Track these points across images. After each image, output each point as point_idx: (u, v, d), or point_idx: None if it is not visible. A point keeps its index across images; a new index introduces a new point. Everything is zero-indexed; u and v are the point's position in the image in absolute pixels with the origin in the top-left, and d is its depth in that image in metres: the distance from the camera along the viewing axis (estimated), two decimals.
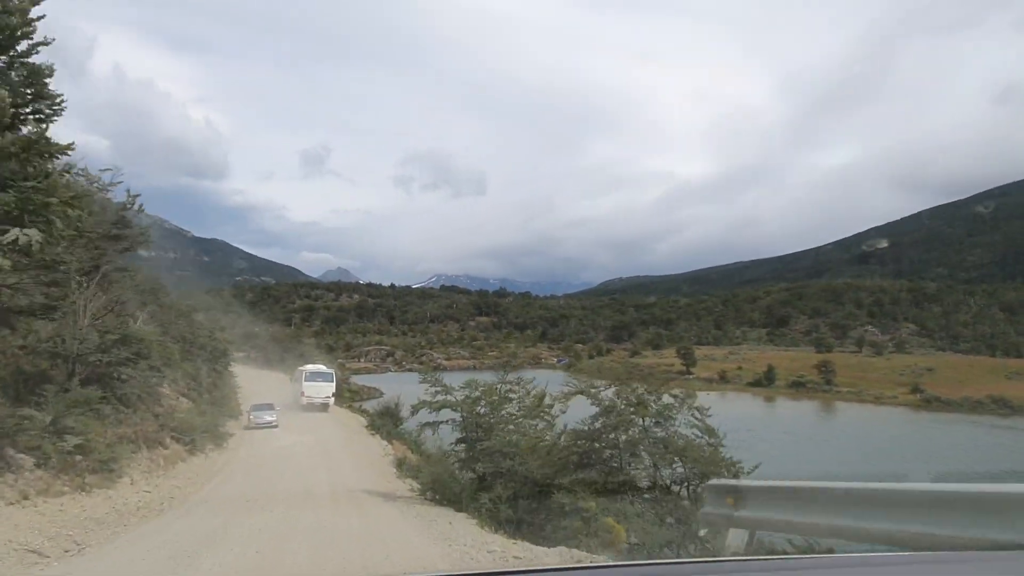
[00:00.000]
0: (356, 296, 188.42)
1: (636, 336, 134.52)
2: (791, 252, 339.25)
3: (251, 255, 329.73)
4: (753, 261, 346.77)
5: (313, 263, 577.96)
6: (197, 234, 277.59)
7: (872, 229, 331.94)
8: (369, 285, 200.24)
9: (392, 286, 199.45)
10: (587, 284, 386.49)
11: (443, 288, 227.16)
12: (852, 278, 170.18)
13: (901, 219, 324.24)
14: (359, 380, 73.94)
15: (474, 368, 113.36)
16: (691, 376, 74.37)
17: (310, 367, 40.44)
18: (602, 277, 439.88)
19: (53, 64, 11.23)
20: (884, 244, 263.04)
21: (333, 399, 37.91)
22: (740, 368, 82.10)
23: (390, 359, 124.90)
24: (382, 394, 48.01)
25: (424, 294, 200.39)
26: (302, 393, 36.45)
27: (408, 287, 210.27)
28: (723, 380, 76.29)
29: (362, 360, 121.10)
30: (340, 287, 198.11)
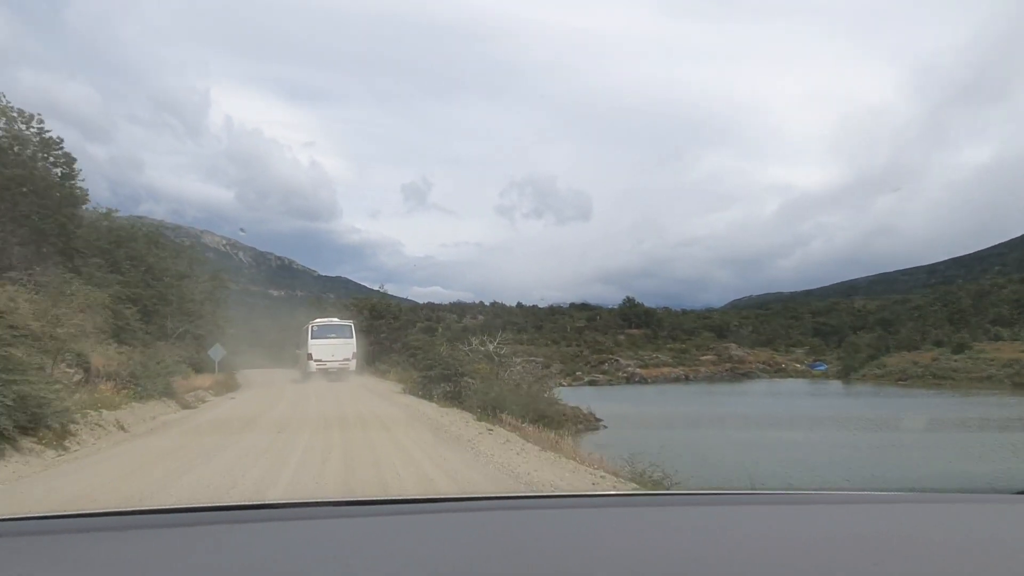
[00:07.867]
0: (480, 317, 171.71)
1: (848, 340, 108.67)
2: (943, 259, 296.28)
3: (371, 290, 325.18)
4: (902, 271, 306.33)
5: (425, 297, 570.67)
6: (322, 272, 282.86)
7: None
8: (494, 304, 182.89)
9: (519, 304, 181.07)
10: (708, 304, 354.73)
11: (572, 306, 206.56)
12: None
13: None
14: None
15: (686, 378, 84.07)
16: None
17: (319, 320, 30.51)
18: (724, 296, 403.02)
19: None
20: None
21: (355, 363, 28.66)
22: None
23: (544, 372, 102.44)
24: (598, 420, 27.63)
25: (554, 311, 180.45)
26: (309, 356, 27.77)
27: (535, 306, 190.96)
28: None
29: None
30: (463, 308, 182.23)
